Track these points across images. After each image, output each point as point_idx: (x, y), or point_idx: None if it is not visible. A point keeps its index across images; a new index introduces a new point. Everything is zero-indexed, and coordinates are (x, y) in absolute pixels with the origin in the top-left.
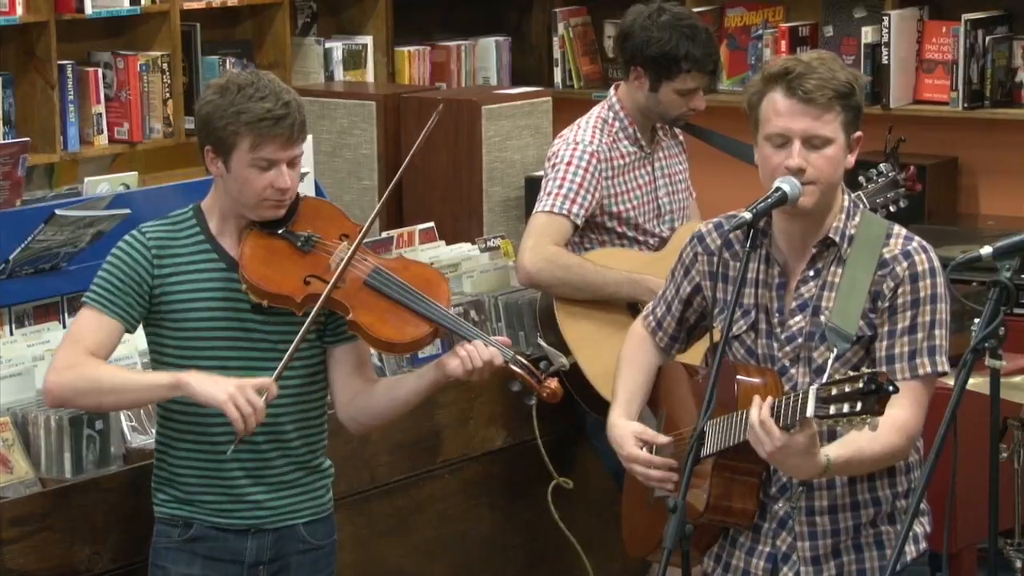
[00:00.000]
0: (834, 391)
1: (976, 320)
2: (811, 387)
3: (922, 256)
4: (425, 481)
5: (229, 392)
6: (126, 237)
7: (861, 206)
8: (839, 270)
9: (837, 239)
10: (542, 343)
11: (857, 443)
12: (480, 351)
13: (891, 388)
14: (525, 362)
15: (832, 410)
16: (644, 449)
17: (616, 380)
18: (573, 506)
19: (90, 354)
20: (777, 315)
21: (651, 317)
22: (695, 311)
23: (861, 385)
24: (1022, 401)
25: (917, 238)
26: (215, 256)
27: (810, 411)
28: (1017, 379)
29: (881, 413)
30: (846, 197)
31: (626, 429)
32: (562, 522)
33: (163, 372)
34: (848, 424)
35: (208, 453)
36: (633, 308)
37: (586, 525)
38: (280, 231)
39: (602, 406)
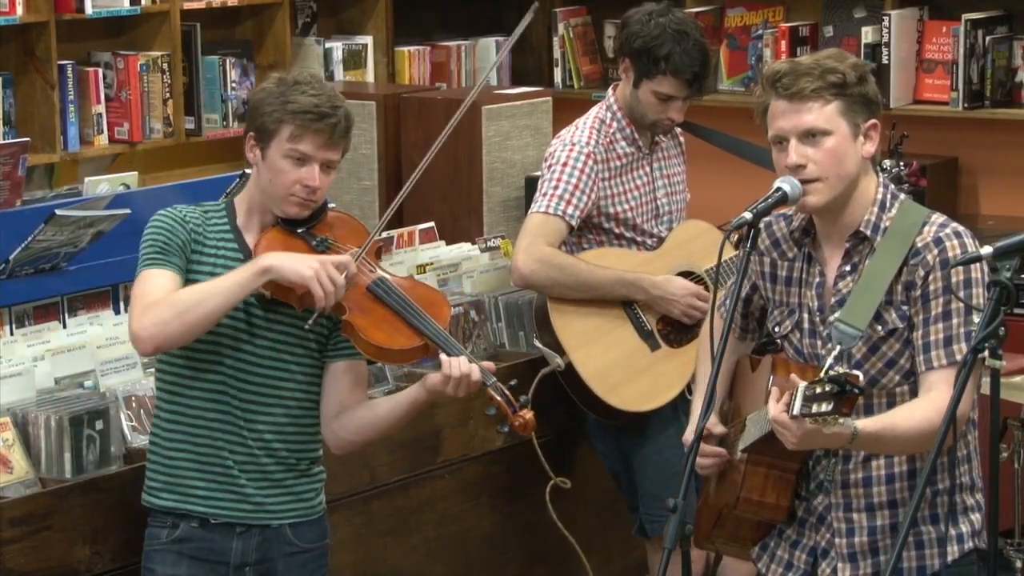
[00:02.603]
0: (817, 390)
1: (976, 320)
2: (800, 385)
3: (954, 242)
4: (425, 481)
5: (315, 268)
6: (161, 212)
7: (902, 196)
8: None
9: (869, 232)
10: (538, 344)
11: (892, 418)
12: (461, 363)
13: (855, 391)
14: (504, 390)
15: (813, 408)
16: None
17: (699, 367)
18: (573, 506)
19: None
20: (819, 313)
21: (723, 308)
22: (757, 306)
23: (831, 387)
24: (1022, 401)
25: (954, 224)
26: (235, 247)
27: (795, 409)
28: (1017, 379)
29: (848, 415)
30: (881, 189)
31: (697, 416)
32: (562, 522)
33: (243, 265)
34: (824, 423)
35: (200, 437)
36: (628, 306)
37: (586, 525)
38: (299, 231)
39: (598, 406)
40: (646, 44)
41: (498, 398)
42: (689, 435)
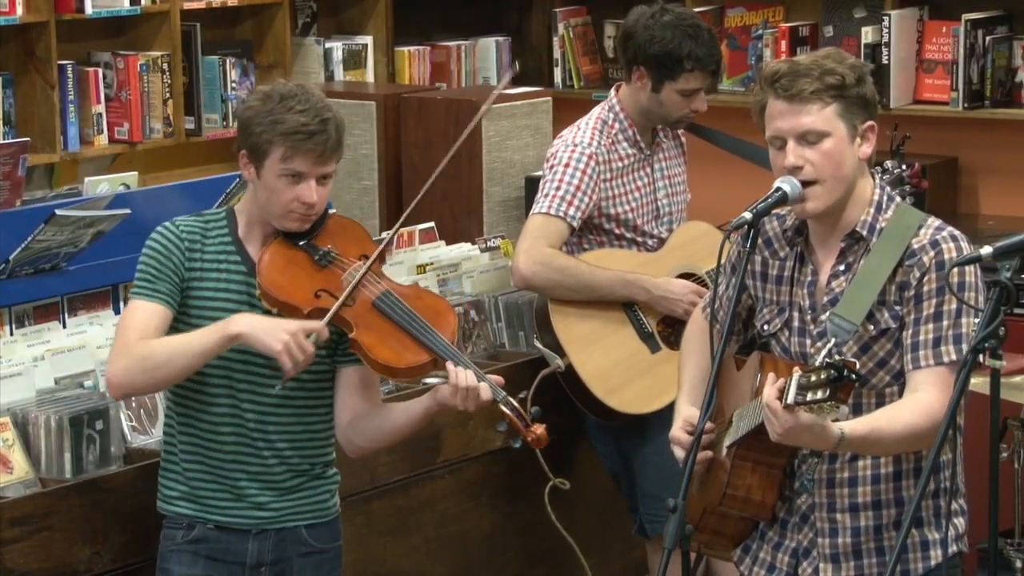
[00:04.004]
0: (812, 378)
1: (966, 323)
2: (795, 373)
3: (950, 245)
4: (425, 481)
5: (284, 341)
6: (159, 228)
7: (897, 199)
8: None
9: (864, 232)
10: (538, 344)
11: (877, 421)
12: (468, 376)
13: (852, 376)
14: (515, 404)
15: (808, 396)
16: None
17: (681, 368)
18: (573, 507)
19: (139, 339)
20: (810, 312)
21: (708, 310)
22: (744, 307)
23: (828, 373)
24: (1022, 401)
25: (950, 228)
26: (238, 259)
27: (790, 398)
28: (1017, 379)
29: (844, 401)
30: (877, 191)
31: (682, 412)
32: (562, 523)
33: (211, 327)
34: (820, 411)
35: (214, 452)
36: (629, 308)
37: (586, 525)
38: (302, 243)
39: (598, 407)
40: (664, 48)
41: (509, 414)
42: (677, 431)
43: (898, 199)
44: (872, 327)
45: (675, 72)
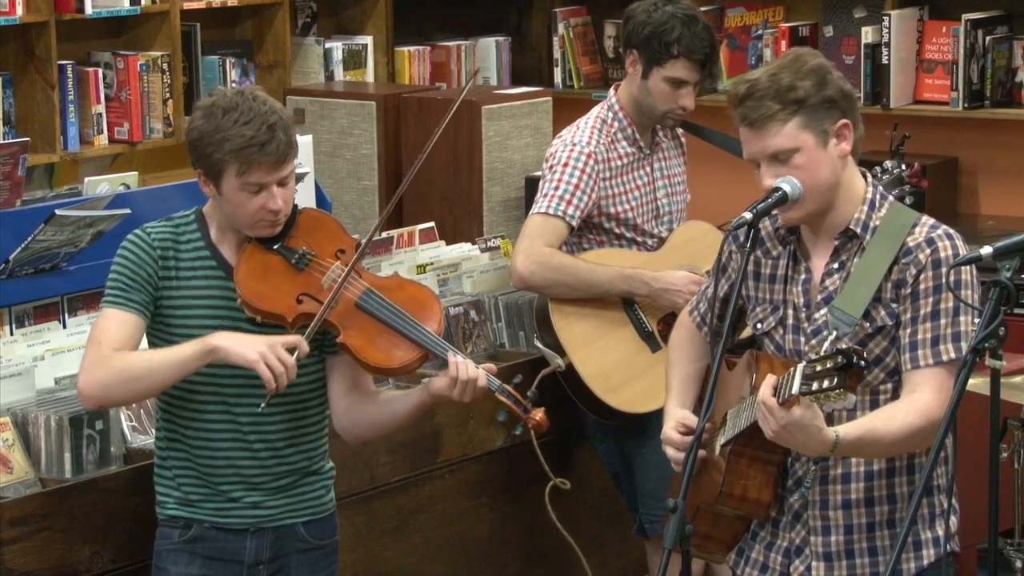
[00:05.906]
0: (818, 367)
1: (963, 321)
2: (799, 364)
3: (946, 243)
4: (425, 481)
5: (260, 351)
6: (130, 236)
7: (890, 198)
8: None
9: (859, 230)
10: (538, 344)
11: (872, 422)
12: (469, 367)
13: (861, 363)
14: (512, 391)
15: (815, 386)
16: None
17: (669, 371)
18: (573, 506)
19: (114, 350)
20: (804, 310)
21: (696, 313)
22: (735, 309)
23: (837, 361)
24: (1022, 401)
25: (944, 226)
26: (214, 264)
27: (795, 388)
28: (1017, 379)
29: (852, 389)
30: (870, 189)
31: (673, 414)
32: (562, 522)
33: (190, 342)
34: (826, 400)
35: (206, 460)
36: (629, 307)
37: (586, 525)
38: (276, 246)
39: (598, 406)
40: (656, 30)
41: (508, 402)
42: (669, 431)
43: (891, 197)
44: (868, 324)
45: (662, 56)
